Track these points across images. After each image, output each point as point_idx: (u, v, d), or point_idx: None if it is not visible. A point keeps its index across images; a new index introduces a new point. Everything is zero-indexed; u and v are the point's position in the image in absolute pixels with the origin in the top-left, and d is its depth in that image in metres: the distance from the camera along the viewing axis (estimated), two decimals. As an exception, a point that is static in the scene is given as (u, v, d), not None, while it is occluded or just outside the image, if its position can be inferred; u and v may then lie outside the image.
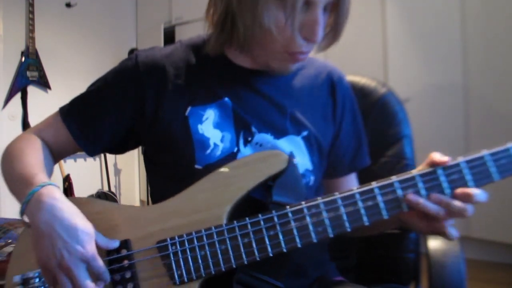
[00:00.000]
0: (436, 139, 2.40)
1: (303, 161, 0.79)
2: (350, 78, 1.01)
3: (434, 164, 0.65)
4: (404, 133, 1.01)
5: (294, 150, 0.78)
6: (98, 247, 0.66)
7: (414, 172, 0.66)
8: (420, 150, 1.00)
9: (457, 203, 0.62)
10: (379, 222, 0.65)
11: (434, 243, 0.84)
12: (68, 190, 3.17)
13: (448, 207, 0.63)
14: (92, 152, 0.83)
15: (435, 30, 2.57)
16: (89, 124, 0.81)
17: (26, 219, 0.67)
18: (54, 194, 0.67)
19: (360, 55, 2.78)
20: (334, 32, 0.75)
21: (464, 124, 2.49)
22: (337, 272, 0.89)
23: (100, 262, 0.65)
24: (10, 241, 1.31)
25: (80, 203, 0.70)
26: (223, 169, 0.71)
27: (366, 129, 0.91)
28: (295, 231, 0.65)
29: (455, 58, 2.51)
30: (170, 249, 0.67)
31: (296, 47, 0.72)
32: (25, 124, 3.20)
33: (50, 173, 0.78)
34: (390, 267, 0.99)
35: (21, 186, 0.70)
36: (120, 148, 0.86)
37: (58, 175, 3.25)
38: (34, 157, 0.76)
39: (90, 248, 0.64)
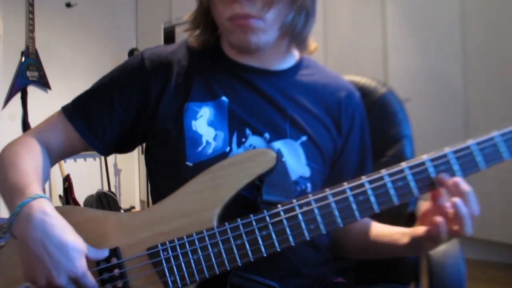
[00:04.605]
0: (436, 139, 2.37)
1: (298, 168, 0.78)
2: (350, 78, 1.01)
3: None
4: (404, 133, 1.00)
5: (289, 155, 0.77)
6: (88, 259, 0.64)
7: (403, 164, 0.66)
8: (420, 150, 0.99)
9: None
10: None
11: (434, 243, 0.84)
12: (68, 190, 3.16)
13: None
14: (102, 149, 0.82)
15: (435, 30, 2.57)
16: (97, 121, 0.80)
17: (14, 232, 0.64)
18: (45, 208, 0.64)
19: (360, 55, 2.77)
20: None
21: (464, 124, 2.49)
22: (337, 272, 0.89)
23: (90, 279, 0.63)
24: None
25: (65, 212, 0.67)
26: (212, 169, 0.70)
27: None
28: (287, 230, 0.65)
29: (455, 58, 2.51)
30: (162, 255, 0.66)
31: (231, 9, 0.71)
32: (25, 124, 3.20)
33: (46, 178, 0.77)
34: (390, 267, 0.99)
35: (12, 196, 0.67)
36: (128, 145, 0.86)
37: (58, 175, 3.25)
38: (29, 164, 0.73)
39: (80, 265, 0.62)
